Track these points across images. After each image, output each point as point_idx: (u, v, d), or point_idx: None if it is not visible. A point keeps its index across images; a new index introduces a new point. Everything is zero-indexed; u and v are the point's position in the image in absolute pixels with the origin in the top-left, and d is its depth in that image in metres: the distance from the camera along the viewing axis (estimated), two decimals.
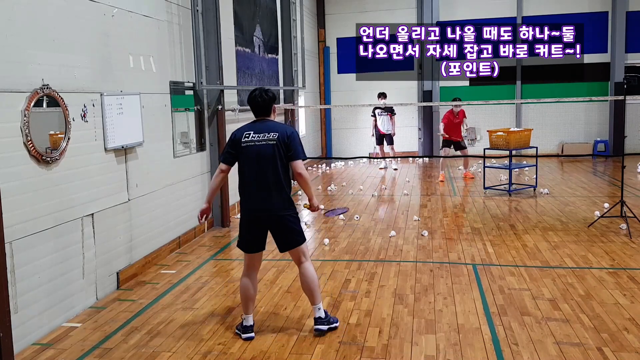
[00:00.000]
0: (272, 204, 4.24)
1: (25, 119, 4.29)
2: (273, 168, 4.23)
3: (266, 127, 4.31)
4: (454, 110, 11.52)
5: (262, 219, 4.29)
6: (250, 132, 4.29)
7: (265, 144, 4.24)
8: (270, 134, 4.26)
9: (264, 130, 4.28)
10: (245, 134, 4.30)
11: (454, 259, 6.30)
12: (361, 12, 16.41)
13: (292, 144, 4.27)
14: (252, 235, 4.36)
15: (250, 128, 4.33)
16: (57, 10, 4.77)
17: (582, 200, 9.32)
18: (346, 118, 16.67)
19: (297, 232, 4.37)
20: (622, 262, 5.99)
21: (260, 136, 4.26)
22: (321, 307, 4.41)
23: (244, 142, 4.28)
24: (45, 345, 4.38)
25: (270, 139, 4.25)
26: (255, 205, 4.26)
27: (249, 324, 4.40)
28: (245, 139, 4.28)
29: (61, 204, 4.77)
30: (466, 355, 4.02)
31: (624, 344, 4.09)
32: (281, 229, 4.32)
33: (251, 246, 4.37)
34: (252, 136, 4.28)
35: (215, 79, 7.81)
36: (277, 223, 4.29)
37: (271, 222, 4.30)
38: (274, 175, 4.24)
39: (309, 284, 4.37)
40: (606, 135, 15.43)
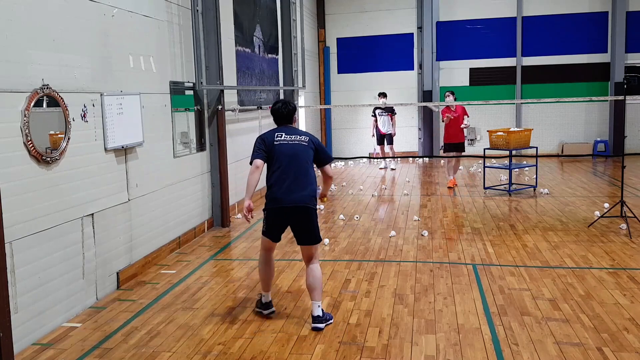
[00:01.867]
0: (302, 197, 4.54)
1: (25, 119, 4.29)
2: (305, 165, 4.61)
3: (295, 131, 4.73)
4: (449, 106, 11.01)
5: (292, 211, 4.55)
6: (282, 134, 4.67)
7: (299, 144, 4.63)
8: (301, 137, 4.68)
9: (294, 133, 4.69)
10: (277, 135, 4.66)
11: (454, 259, 6.31)
12: (361, 12, 16.42)
13: (322, 149, 4.76)
14: (279, 226, 4.67)
15: (280, 131, 4.71)
16: (57, 10, 4.77)
17: (582, 200, 9.32)
18: (346, 118, 16.67)
19: (318, 229, 4.70)
20: (622, 262, 5.99)
21: (293, 137, 4.65)
22: (320, 304, 4.57)
23: (277, 141, 4.62)
24: (45, 345, 4.38)
25: (303, 140, 4.66)
26: (288, 198, 4.52)
27: (268, 300, 4.81)
28: (278, 138, 4.64)
29: (61, 204, 4.77)
30: (466, 355, 4.02)
31: (624, 344, 4.10)
32: (306, 222, 4.60)
33: (277, 235, 4.72)
34: (285, 137, 4.65)
35: (215, 79, 7.81)
36: (305, 215, 4.57)
37: (298, 215, 4.56)
38: (306, 172, 4.61)
39: (316, 281, 4.60)
40: (606, 135, 15.43)
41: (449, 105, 11.03)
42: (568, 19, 15.38)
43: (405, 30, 16.27)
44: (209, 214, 8.08)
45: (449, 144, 11.22)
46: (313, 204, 4.62)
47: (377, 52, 16.38)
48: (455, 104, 11.02)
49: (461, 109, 11.09)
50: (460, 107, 11.10)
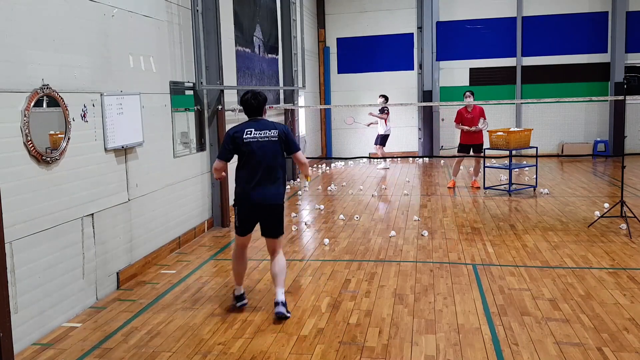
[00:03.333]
0: (273, 195, 4.70)
1: (25, 119, 4.29)
2: (276, 163, 4.69)
3: (264, 125, 4.72)
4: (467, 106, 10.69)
5: (262, 208, 4.72)
6: (252, 130, 4.67)
7: (269, 140, 4.66)
8: (271, 132, 4.69)
9: (264, 128, 4.69)
10: (246, 131, 4.66)
11: (454, 259, 6.30)
12: (361, 12, 16.42)
13: (290, 139, 4.79)
14: (250, 222, 4.83)
15: (250, 126, 4.70)
16: (57, 10, 4.77)
17: (582, 200, 9.32)
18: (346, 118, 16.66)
19: (282, 223, 4.89)
20: (622, 262, 5.99)
21: (262, 133, 4.67)
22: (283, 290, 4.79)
23: (246, 139, 4.64)
24: (45, 345, 4.38)
25: (272, 136, 4.68)
26: (259, 196, 4.67)
27: (240, 292, 4.97)
28: (247, 135, 4.65)
29: (61, 204, 4.77)
30: (466, 355, 4.02)
31: (624, 344, 4.10)
32: (274, 218, 4.79)
33: (248, 231, 4.87)
34: (254, 133, 4.65)
35: (215, 79, 7.81)
36: (274, 212, 4.76)
37: (268, 211, 4.74)
38: (277, 170, 4.71)
39: (282, 269, 4.82)
40: (606, 135, 15.43)
41: (466, 106, 10.70)
42: (568, 19, 15.38)
43: (405, 30, 16.27)
44: (209, 214, 8.09)
45: (464, 145, 10.88)
46: (282, 200, 4.79)
47: (377, 52, 16.38)
48: (474, 104, 10.67)
49: (479, 110, 10.71)
50: (478, 107, 10.72)
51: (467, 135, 10.79)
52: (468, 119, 10.70)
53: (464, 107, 10.81)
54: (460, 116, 10.80)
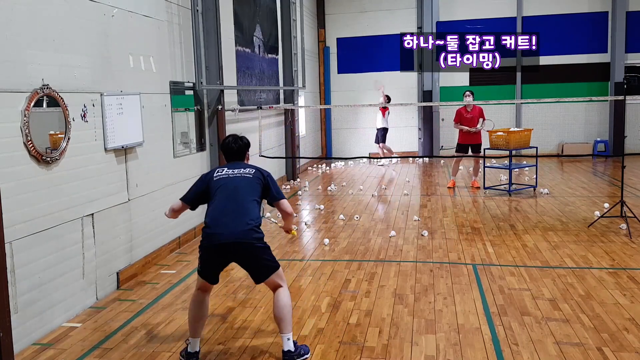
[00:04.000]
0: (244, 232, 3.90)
1: (25, 119, 4.29)
2: (247, 199, 4.02)
3: (241, 165, 4.22)
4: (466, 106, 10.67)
5: (231, 248, 3.92)
6: (224, 169, 4.18)
7: (241, 177, 4.10)
8: (246, 170, 4.16)
9: (238, 167, 4.18)
10: (217, 170, 4.18)
11: (454, 259, 6.30)
12: (361, 12, 16.42)
13: (272, 185, 4.17)
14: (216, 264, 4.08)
15: (223, 167, 4.22)
16: (57, 10, 4.77)
17: (582, 200, 9.32)
18: (346, 118, 16.68)
19: (270, 261, 4.06)
20: (622, 262, 5.99)
21: (235, 171, 4.14)
22: (291, 337, 4.01)
23: (216, 177, 4.12)
24: (45, 345, 4.38)
25: (246, 173, 4.13)
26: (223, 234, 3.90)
27: (195, 349, 4.02)
28: (218, 174, 4.14)
29: (61, 204, 4.77)
30: (466, 355, 4.02)
31: (624, 344, 4.09)
32: (252, 260, 4.00)
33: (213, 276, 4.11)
34: (226, 171, 4.14)
35: (215, 79, 7.81)
36: (248, 254, 3.97)
37: (240, 252, 3.96)
38: (247, 206, 4.00)
39: (282, 310, 4.00)
40: (606, 135, 15.43)
41: (465, 106, 10.70)
42: (568, 19, 15.38)
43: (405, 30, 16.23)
44: None
45: (462, 145, 10.89)
46: (257, 239, 3.95)
47: (377, 52, 16.38)
48: (473, 104, 10.65)
49: (478, 110, 10.71)
50: (478, 107, 10.71)
51: (465, 135, 10.79)
52: (467, 118, 10.69)
53: (463, 106, 10.79)
54: (459, 116, 10.78)
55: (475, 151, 10.85)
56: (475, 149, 10.84)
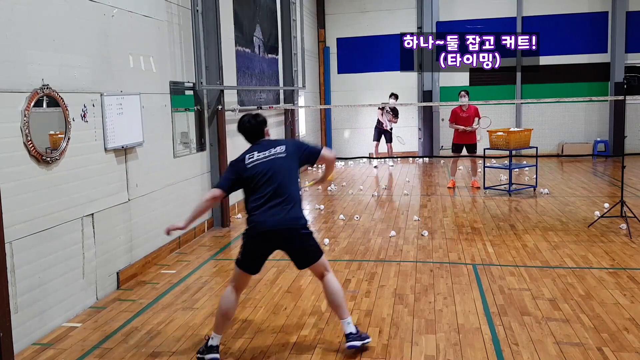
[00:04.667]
0: (291, 218, 3.91)
1: (25, 119, 4.29)
2: (287, 182, 3.96)
3: (268, 145, 4.07)
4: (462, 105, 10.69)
5: (278, 236, 3.93)
6: (254, 153, 4.03)
7: (275, 158, 3.98)
8: (276, 148, 4.03)
9: (267, 147, 4.04)
10: (247, 156, 4.03)
11: (454, 259, 6.30)
12: (361, 12, 16.42)
13: (304, 147, 4.15)
14: (263, 256, 4.06)
15: (252, 150, 4.07)
16: (57, 10, 4.77)
17: (582, 200, 9.32)
18: (346, 118, 16.68)
19: (315, 247, 4.09)
20: (622, 262, 5.99)
21: (266, 153, 4.00)
22: (350, 321, 4.06)
23: (249, 164, 3.97)
24: (45, 345, 4.38)
25: (279, 152, 4.01)
26: (271, 221, 3.87)
27: (216, 343, 4.00)
28: (250, 160, 3.99)
29: (61, 204, 4.77)
30: (466, 355, 4.02)
31: (624, 344, 4.09)
32: (299, 246, 4.02)
33: (254, 269, 4.07)
34: (257, 155, 4.00)
35: (215, 79, 7.81)
36: (295, 240, 3.98)
37: (287, 240, 3.97)
38: (289, 190, 3.95)
39: (335, 297, 4.05)
40: (606, 135, 15.43)
41: (461, 105, 10.73)
42: (568, 19, 15.38)
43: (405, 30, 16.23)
44: (209, 214, 8.08)
45: (457, 144, 10.92)
46: (304, 225, 4.00)
47: (378, 52, 16.38)
48: (469, 104, 10.69)
49: (474, 110, 10.74)
50: (473, 107, 10.75)
51: (460, 135, 10.82)
52: (463, 118, 10.72)
53: (458, 106, 10.83)
54: (455, 115, 10.81)
55: (471, 151, 10.90)
56: (471, 148, 10.88)
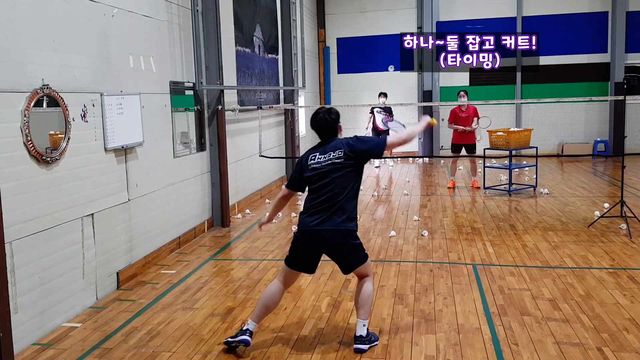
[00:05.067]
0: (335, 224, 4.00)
1: (25, 119, 4.29)
2: (341, 190, 4.01)
3: (330, 146, 4.11)
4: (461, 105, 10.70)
5: (323, 241, 4.05)
6: (316, 154, 4.11)
7: (331, 164, 4.03)
8: (335, 152, 4.06)
9: (328, 150, 4.09)
10: (310, 156, 4.13)
11: (454, 259, 6.30)
12: (361, 12, 16.42)
13: (365, 150, 4.12)
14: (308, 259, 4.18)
15: (315, 151, 4.16)
16: (57, 10, 4.77)
17: (582, 200, 9.32)
18: (346, 118, 16.58)
19: (360, 256, 4.18)
20: (622, 262, 5.99)
21: (326, 157, 4.07)
22: (366, 324, 4.17)
23: (310, 165, 4.09)
24: (45, 345, 4.38)
25: (336, 158, 4.05)
26: (317, 225, 4.00)
27: (251, 328, 4.15)
28: (312, 162, 4.10)
29: (61, 204, 4.77)
30: (466, 355, 4.02)
31: (624, 344, 4.09)
32: (344, 255, 4.14)
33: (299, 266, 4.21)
34: (318, 158, 4.09)
35: (215, 79, 7.81)
36: (341, 249, 4.11)
37: (332, 243, 4.07)
38: (342, 197, 4.01)
39: (363, 299, 4.17)
40: (606, 135, 15.43)
41: (460, 105, 10.73)
42: (568, 19, 15.38)
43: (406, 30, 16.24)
44: (209, 214, 8.08)
45: (456, 144, 10.94)
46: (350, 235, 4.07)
47: (377, 52, 16.38)
48: (467, 104, 10.70)
49: (472, 110, 10.75)
50: (472, 107, 10.76)
51: (459, 135, 10.83)
52: (462, 118, 10.73)
53: (457, 106, 10.83)
54: (454, 115, 10.82)
55: (470, 151, 10.91)
56: (469, 148, 10.89)
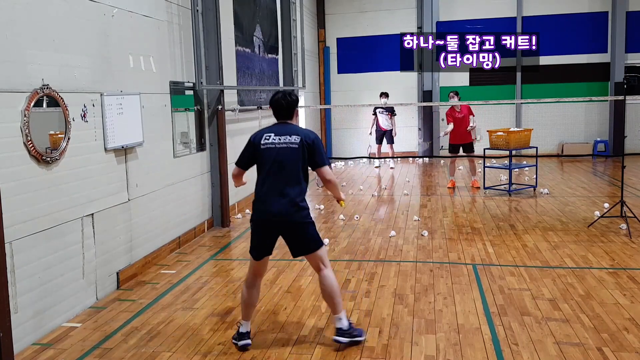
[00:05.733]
0: (288, 209, 4.04)
1: (25, 119, 4.29)
2: (293, 172, 4.07)
3: (288, 129, 4.14)
4: (454, 106, 10.77)
5: (277, 224, 4.10)
6: (271, 134, 4.13)
7: (287, 147, 4.07)
8: (292, 137, 4.09)
9: (285, 133, 4.11)
10: (265, 136, 4.14)
11: (454, 259, 6.30)
12: (361, 12, 16.42)
13: (316, 150, 4.11)
14: (265, 241, 4.18)
15: (271, 130, 4.17)
16: (57, 10, 4.77)
17: (582, 200, 9.32)
18: (346, 118, 16.67)
19: (313, 238, 4.19)
20: (622, 262, 5.99)
21: (282, 139, 4.09)
22: (343, 317, 4.18)
23: (263, 145, 4.11)
24: (45, 345, 4.38)
25: (292, 142, 4.08)
26: (272, 210, 4.05)
27: (247, 329, 4.23)
28: (265, 140, 4.12)
29: (61, 204, 4.77)
30: (466, 355, 4.02)
31: (624, 344, 4.10)
32: (296, 235, 4.16)
33: (262, 254, 4.21)
34: (273, 138, 4.11)
35: (215, 79, 7.81)
36: (293, 229, 4.12)
37: (286, 228, 4.12)
38: (293, 180, 4.07)
39: (329, 292, 4.17)
40: (606, 135, 15.43)
41: (453, 106, 10.77)
42: (568, 19, 15.38)
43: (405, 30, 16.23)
44: (209, 214, 8.09)
45: (454, 145, 10.97)
46: (304, 216, 4.10)
47: (377, 52, 16.38)
48: (460, 104, 10.75)
49: (466, 109, 10.81)
50: (465, 106, 10.81)
51: (456, 135, 10.84)
52: (459, 118, 10.77)
53: (451, 107, 10.86)
54: (451, 117, 10.87)
55: (468, 150, 10.93)
56: (467, 148, 10.91)
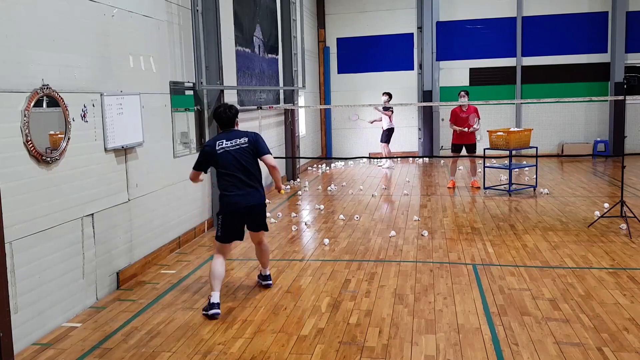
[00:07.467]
0: (255, 198, 5.05)
1: (25, 119, 4.29)
2: (251, 168, 5.02)
3: (234, 135, 5.07)
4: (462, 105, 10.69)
5: (247, 211, 5.04)
6: (223, 141, 5.01)
7: (239, 148, 5.00)
8: (240, 139, 5.04)
9: (233, 138, 5.04)
10: (218, 143, 5.01)
11: (454, 259, 6.31)
12: (361, 12, 16.42)
13: (259, 143, 5.10)
14: (237, 228, 5.11)
15: (220, 138, 5.05)
16: (57, 10, 4.77)
17: (582, 200, 9.32)
18: (346, 118, 16.68)
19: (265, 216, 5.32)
20: (622, 262, 5.99)
21: (232, 142, 5.01)
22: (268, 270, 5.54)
23: (219, 150, 4.98)
24: (45, 345, 4.38)
25: (242, 143, 5.03)
26: (243, 201, 4.99)
27: (216, 300, 4.84)
28: (220, 146, 4.99)
29: (61, 204, 4.77)
30: (466, 355, 4.02)
31: (624, 344, 4.10)
32: (261, 215, 5.20)
33: (234, 238, 5.13)
34: (225, 143, 5.00)
35: (215, 79, 7.81)
36: (258, 212, 5.14)
37: (253, 213, 5.09)
38: (253, 174, 5.04)
39: (267, 254, 5.47)
40: (606, 135, 15.43)
41: (461, 105, 10.73)
42: (568, 19, 15.38)
43: (405, 30, 16.27)
44: (209, 214, 8.08)
45: (456, 144, 10.95)
46: (263, 197, 5.16)
47: (377, 52, 16.38)
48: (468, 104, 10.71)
49: (473, 109, 10.76)
50: (472, 107, 10.76)
51: (459, 135, 10.82)
52: (463, 118, 10.73)
53: (458, 106, 10.83)
54: (455, 116, 10.82)
55: (470, 151, 10.91)
56: (470, 148, 10.89)
